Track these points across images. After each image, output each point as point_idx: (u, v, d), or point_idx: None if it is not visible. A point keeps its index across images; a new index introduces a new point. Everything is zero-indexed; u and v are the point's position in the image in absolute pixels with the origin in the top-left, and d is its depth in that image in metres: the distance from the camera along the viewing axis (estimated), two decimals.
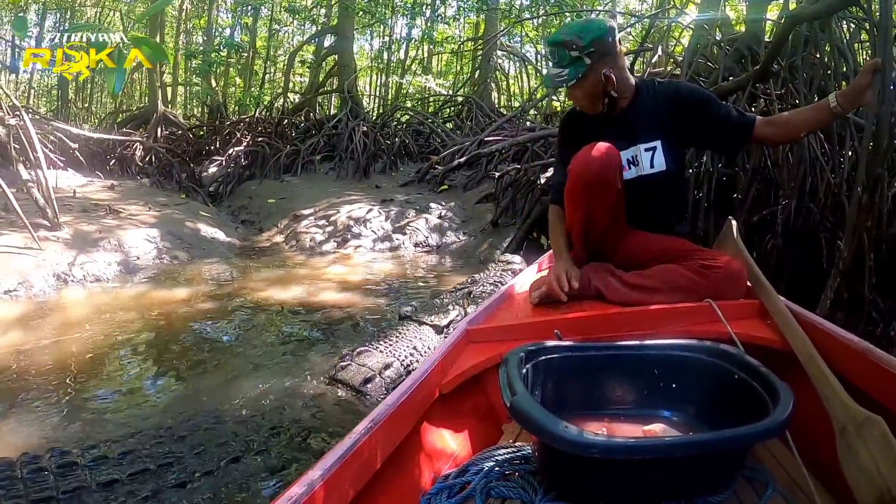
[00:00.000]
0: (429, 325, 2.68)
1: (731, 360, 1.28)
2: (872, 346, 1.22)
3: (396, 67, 14.80)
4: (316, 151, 9.53)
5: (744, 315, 1.60)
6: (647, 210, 1.96)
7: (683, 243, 1.93)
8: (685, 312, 1.61)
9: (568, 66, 1.89)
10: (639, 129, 1.96)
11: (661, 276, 1.76)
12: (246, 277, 4.51)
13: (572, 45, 1.87)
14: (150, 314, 3.50)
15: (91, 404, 2.35)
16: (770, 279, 3.30)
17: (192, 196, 7.85)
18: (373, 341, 2.58)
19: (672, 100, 1.95)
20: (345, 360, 2.47)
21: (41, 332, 3.18)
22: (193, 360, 2.83)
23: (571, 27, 1.93)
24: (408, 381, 1.31)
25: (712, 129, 1.94)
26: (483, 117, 10.16)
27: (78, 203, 5.63)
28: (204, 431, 1.95)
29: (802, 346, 1.32)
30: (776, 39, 3.51)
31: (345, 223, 6.30)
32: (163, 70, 11.41)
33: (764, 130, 1.91)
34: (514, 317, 1.82)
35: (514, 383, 1.15)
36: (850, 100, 1.82)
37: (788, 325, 1.42)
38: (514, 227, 5.67)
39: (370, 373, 2.33)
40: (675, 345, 1.39)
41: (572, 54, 1.87)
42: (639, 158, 1.95)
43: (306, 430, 2.03)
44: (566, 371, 1.37)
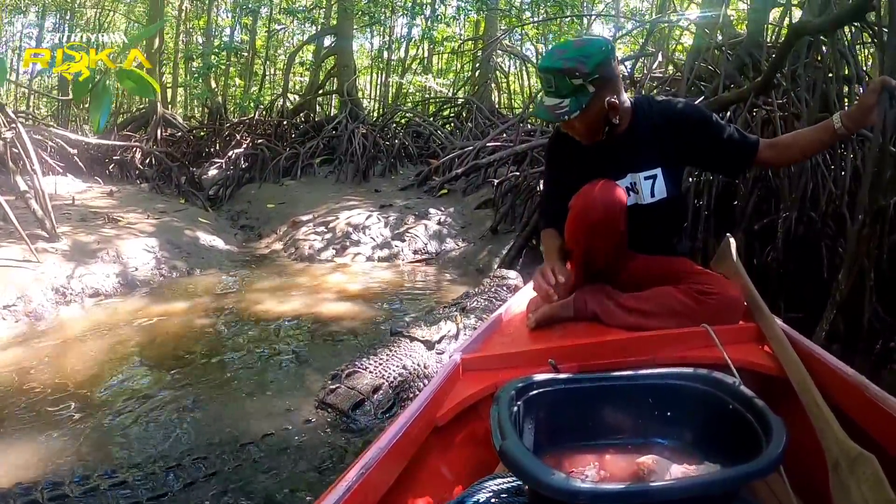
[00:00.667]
0: (420, 342, 2.68)
1: (726, 389, 1.28)
2: (868, 381, 1.22)
3: (397, 66, 14.76)
4: (315, 154, 9.51)
5: (741, 339, 1.60)
6: (648, 235, 1.93)
7: (683, 263, 1.92)
8: (681, 338, 1.61)
9: (569, 95, 1.69)
10: (638, 157, 1.85)
11: (657, 300, 1.74)
12: (244, 289, 4.51)
13: (574, 72, 1.66)
14: (147, 332, 3.49)
15: (83, 428, 2.34)
16: (771, 291, 3.33)
17: (192, 201, 7.83)
18: (363, 359, 2.58)
19: (671, 122, 1.84)
20: (334, 381, 2.48)
21: (40, 349, 3.17)
22: (186, 381, 2.81)
23: (569, 50, 1.70)
24: (402, 417, 1.31)
25: (713, 151, 1.86)
26: (483, 119, 10.13)
27: (77, 211, 5.63)
28: (192, 463, 1.96)
29: (798, 376, 1.32)
30: (779, 52, 3.47)
31: (343, 230, 6.30)
32: (162, 71, 11.41)
33: (766, 154, 1.84)
34: (509, 343, 1.81)
35: (504, 426, 1.15)
36: (856, 120, 1.74)
37: (785, 352, 1.41)
38: (513, 233, 5.66)
39: (359, 397, 2.33)
40: (669, 373, 1.39)
41: (574, 83, 1.67)
42: (638, 186, 1.86)
43: (297, 460, 2.04)
44: (560, 403, 1.37)
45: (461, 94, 12.79)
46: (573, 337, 1.77)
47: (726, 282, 1.76)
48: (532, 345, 1.75)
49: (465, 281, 5.02)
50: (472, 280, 5.06)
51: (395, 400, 2.39)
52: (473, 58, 12.28)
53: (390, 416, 2.31)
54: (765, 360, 1.47)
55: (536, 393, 1.35)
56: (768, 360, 1.46)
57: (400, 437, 1.24)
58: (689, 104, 1.93)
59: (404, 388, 2.43)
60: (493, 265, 5.31)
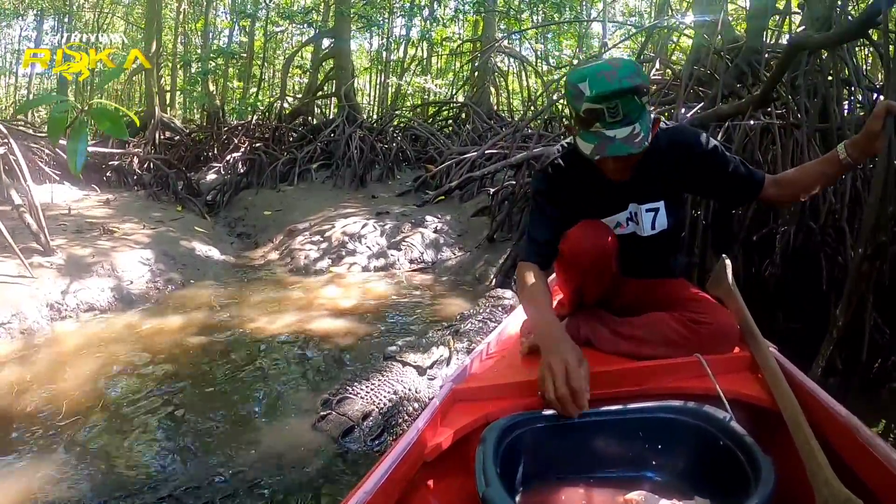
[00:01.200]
0: (412, 366, 2.69)
1: (717, 425, 1.30)
2: (861, 423, 1.20)
3: (396, 67, 14.75)
4: (313, 159, 9.51)
5: (734, 369, 1.58)
6: (644, 264, 1.90)
7: (679, 286, 1.90)
8: (674, 368, 1.60)
9: (637, 119, 1.50)
10: (642, 188, 1.77)
11: (651, 327, 1.72)
12: (238, 303, 4.51)
13: (643, 88, 1.50)
14: (139, 351, 3.49)
15: (73, 453, 2.36)
16: (769, 302, 3.29)
17: (189, 207, 7.84)
18: (355, 384, 2.60)
19: (678, 153, 1.73)
20: (325, 407, 2.50)
21: (34, 368, 3.19)
22: (177, 403, 2.82)
23: (624, 67, 1.51)
24: (390, 455, 1.31)
25: (718, 184, 1.80)
26: (481, 123, 10.12)
27: (73, 222, 5.64)
28: (184, 492, 1.98)
29: (791, 411, 1.30)
30: (778, 67, 3.44)
31: (339, 239, 6.29)
32: (161, 74, 11.40)
33: (770, 191, 1.78)
34: (502, 370, 1.81)
35: (488, 471, 1.17)
36: (862, 148, 1.66)
37: (778, 385, 1.39)
38: (510, 242, 5.65)
39: (349, 423, 2.36)
40: (659, 407, 1.40)
41: (642, 102, 1.51)
42: (639, 217, 1.79)
43: (288, 488, 2.06)
44: (549, 438, 1.38)
45: (460, 95, 12.80)
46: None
47: (721, 309, 1.74)
48: (524, 374, 1.74)
49: (462, 292, 5.02)
50: (469, 290, 5.07)
51: (384, 426, 2.40)
52: (472, 59, 12.23)
53: (380, 443, 2.33)
54: (758, 392, 1.45)
55: (525, 430, 1.37)
56: (762, 391, 1.45)
57: (388, 475, 1.23)
58: (696, 134, 1.79)
59: (394, 413, 2.45)
60: (489, 274, 5.31)
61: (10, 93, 13.85)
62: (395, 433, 2.35)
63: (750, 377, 1.53)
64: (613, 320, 1.82)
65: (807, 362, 2.97)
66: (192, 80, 12.07)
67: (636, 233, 1.81)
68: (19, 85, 14.43)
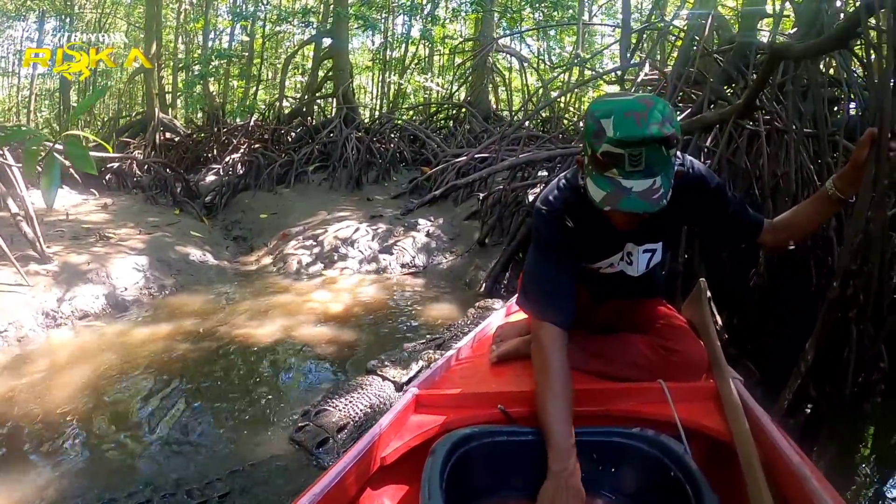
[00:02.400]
0: (391, 381, 2.74)
1: (671, 456, 1.33)
2: (813, 471, 1.20)
3: (397, 65, 14.76)
4: (310, 161, 9.55)
5: (697, 397, 1.58)
6: (624, 293, 1.87)
7: (656, 307, 1.90)
8: (637, 393, 1.61)
9: (660, 172, 1.32)
10: (645, 232, 1.64)
11: (621, 349, 1.74)
12: (229, 310, 4.58)
13: (674, 139, 1.31)
14: (130, 359, 3.56)
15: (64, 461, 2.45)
16: (755, 315, 3.28)
17: (187, 210, 7.91)
18: (334, 397, 2.67)
19: (686, 197, 1.58)
20: (304, 419, 2.57)
21: (30, 377, 3.26)
22: (162, 412, 2.91)
23: (655, 108, 1.30)
24: (348, 455, 1.35)
25: (719, 226, 1.73)
26: (477, 124, 10.15)
27: (70, 228, 5.71)
28: (161, 499, 2.06)
29: (745, 451, 1.30)
30: (760, 76, 3.42)
31: (332, 244, 6.35)
32: (161, 75, 11.47)
33: (766, 237, 1.72)
34: (468, 378, 1.85)
35: (432, 487, 1.21)
36: (850, 180, 1.59)
37: (737, 422, 1.39)
38: (500, 246, 5.68)
39: (324, 435, 2.42)
40: (616, 431, 1.44)
41: (670, 154, 1.33)
42: (633, 258, 1.71)
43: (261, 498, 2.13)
44: (502, 453, 1.42)
45: (462, 92, 12.79)
46: (531, 377, 1.76)
47: (691, 338, 1.75)
48: (488, 384, 1.78)
49: (452, 297, 5.07)
50: (460, 295, 5.11)
51: (358, 439, 2.46)
52: (472, 57, 12.23)
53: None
54: (717, 425, 1.45)
55: (478, 444, 1.41)
56: (721, 425, 1.44)
57: (341, 477, 1.26)
58: (703, 175, 1.63)
59: (369, 427, 2.50)
60: (480, 279, 5.35)
61: (13, 94, 13.96)
62: None
63: (712, 408, 1.53)
64: (584, 338, 1.83)
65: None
66: (192, 82, 12.13)
67: (627, 273, 1.73)
68: (22, 86, 14.53)
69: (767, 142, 3.83)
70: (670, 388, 1.56)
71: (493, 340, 2.04)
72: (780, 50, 3.09)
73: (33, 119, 12.33)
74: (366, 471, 1.38)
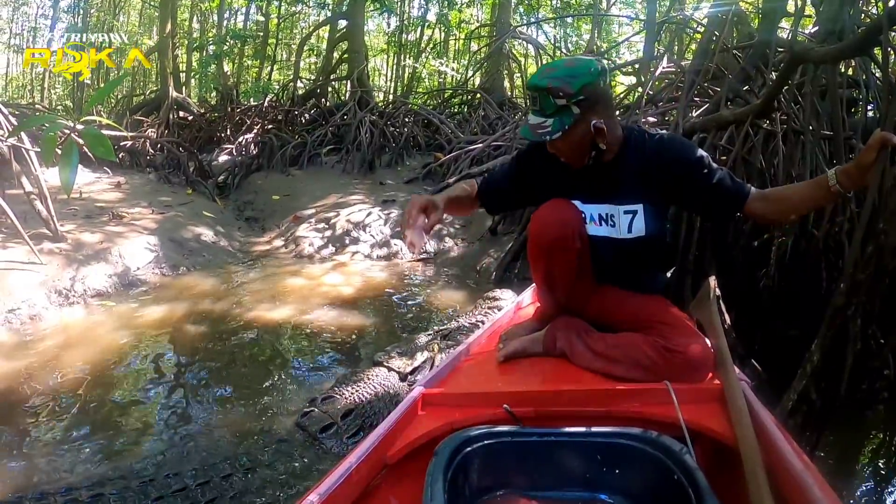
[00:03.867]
0: (396, 372, 2.75)
1: (674, 458, 1.31)
2: (816, 478, 1.18)
3: (412, 48, 14.68)
4: (323, 143, 9.55)
5: (703, 399, 1.57)
6: (621, 270, 1.91)
7: (657, 305, 1.88)
8: (641, 394, 1.60)
9: (552, 115, 1.68)
10: (620, 189, 1.80)
11: (625, 349, 1.73)
12: (240, 291, 4.61)
13: (559, 92, 1.65)
14: (140, 339, 3.61)
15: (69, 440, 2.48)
16: (763, 314, 3.25)
17: (199, 190, 7.94)
18: (342, 385, 2.68)
19: (663, 159, 1.77)
20: (311, 405, 2.59)
21: (43, 356, 3.30)
22: (171, 393, 2.95)
23: (557, 70, 1.70)
24: (353, 454, 1.35)
25: (702, 196, 1.81)
26: (492, 111, 10.08)
27: (83, 206, 5.76)
28: (164, 479, 2.08)
29: (749, 456, 1.28)
30: (778, 78, 3.36)
31: (344, 227, 6.37)
32: (176, 54, 11.45)
33: (756, 205, 1.76)
34: (474, 377, 1.86)
35: (435, 490, 1.20)
36: (853, 179, 1.61)
37: (742, 425, 1.37)
38: (512, 235, 5.67)
39: (329, 420, 2.43)
40: (620, 433, 1.42)
41: (558, 103, 1.66)
42: (615, 220, 1.82)
43: (264, 481, 2.14)
44: (507, 454, 1.42)
45: (477, 78, 12.70)
46: (536, 377, 1.81)
47: (697, 338, 1.73)
48: (495, 384, 1.79)
49: (462, 285, 5.07)
50: (470, 283, 5.12)
51: (362, 425, 2.47)
52: (488, 45, 12.13)
53: (356, 441, 2.39)
54: (722, 428, 1.43)
55: (483, 444, 1.41)
56: (726, 427, 1.42)
57: (347, 476, 1.26)
58: (684, 143, 1.88)
59: (373, 415, 2.52)
60: (490, 268, 5.35)
61: (27, 71, 14.02)
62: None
63: (717, 410, 1.51)
64: (590, 335, 1.83)
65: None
66: (206, 62, 12.10)
67: (612, 236, 1.82)
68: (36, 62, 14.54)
69: (783, 142, 3.79)
70: (676, 389, 1.55)
71: (500, 340, 2.04)
72: (800, 53, 3.04)
73: (47, 96, 12.35)
74: (371, 470, 1.38)
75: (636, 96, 6.06)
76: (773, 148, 3.87)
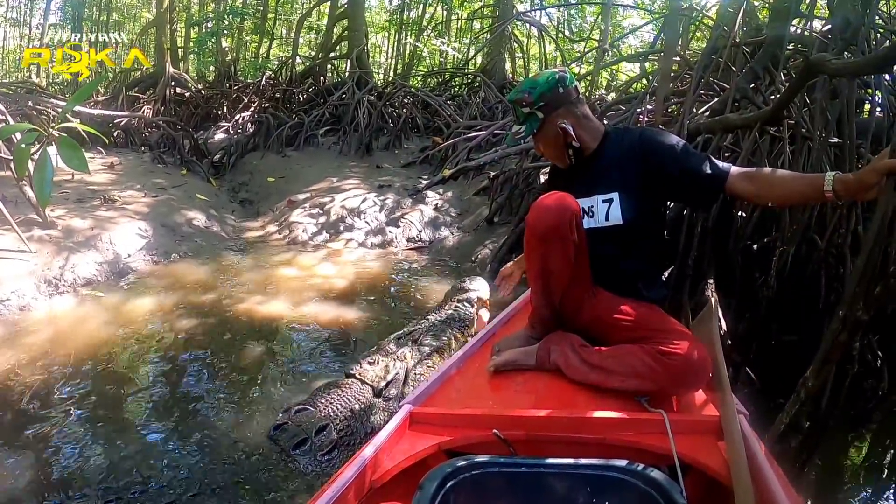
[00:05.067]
0: (369, 385, 2.66)
1: (665, 495, 1.28)
2: None
3: (413, 26, 14.45)
4: (320, 124, 9.42)
5: (698, 430, 1.54)
6: (608, 267, 1.89)
7: (651, 314, 1.85)
8: (636, 423, 1.57)
9: (523, 123, 1.96)
10: (598, 180, 1.91)
11: (621, 359, 1.72)
12: (233, 282, 4.56)
13: (522, 101, 1.93)
14: (131, 331, 3.57)
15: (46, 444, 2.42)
16: (760, 321, 3.21)
17: (194, 171, 7.85)
18: (317, 396, 2.59)
19: (637, 148, 1.87)
20: (284, 416, 2.51)
21: (32, 349, 3.25)
22: (152, 394, 2.89)
23: (523, 84, 1.99)
24: (338, 479, 1.32)
25: (679, 180, 1.81)
26: (492, 95, 9.94)
27: (74, 189, 5.67)
28: (141, 493, 2.05)
29: (744, 499, 1.26)
30: (791, 88, 3.24)
31: (338, 213, 6.30)
32: (173, 29, 11.25)
33: (740, 185, 1.74)
34: (463, 395, 1.82)
35: None
36: (849, 191, 1.57)
37: (737, 464, 1.35)
38: (509, 226, 5.61)
39: (303, 435, 2.36)
40: (611, 466, 1.38)
41: (524, 111, 1.94)
42: (594, 209, 1.90)
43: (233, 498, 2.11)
44: (494, 484, 1.39)
45: (478, 58, 12.51)
46: (529, 396, 1.77)
47: (693, 340, 1.71)
48: (485, 403, 1.75)
49: (457, 275, 5.00)
50: (465, 274, 5.05)
51: (336, 443, 2.39)
52: (492, 27, 11.91)
53: (329, 459, 2.32)
54: (716, 465, 1.41)
55: (469, 475, 1.37)
56: (721, 465, 1.40)
57: (336, 498, 1.25)
58: (661, 132, 2.01)
59: (349, 432, 2.42)
60: (486, 259, 5.29)
61: (24, 45, 13.73)
62: (347, 452, 2.34)
63: (712, 444, 1.48)
64: (584, 348, 1.81)
65: (797, 378, 2.98)
66: (204, 39, 11.87)
67: (592, 226, 1.89)
68: (33, 36, 14.28)
69: (790, 147, 3.71)
70: (672, 419, 1.51)
71: (492, 351, 2.00)
72: (816, 64, 2.91)
73: (44, 69, 12.12)
74: (358, 492, 1.35)
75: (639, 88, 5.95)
76: (779, 152, 3.79)
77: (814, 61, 2.86)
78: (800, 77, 3.06)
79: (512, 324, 2.36)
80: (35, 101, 6.76)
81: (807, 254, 3.45)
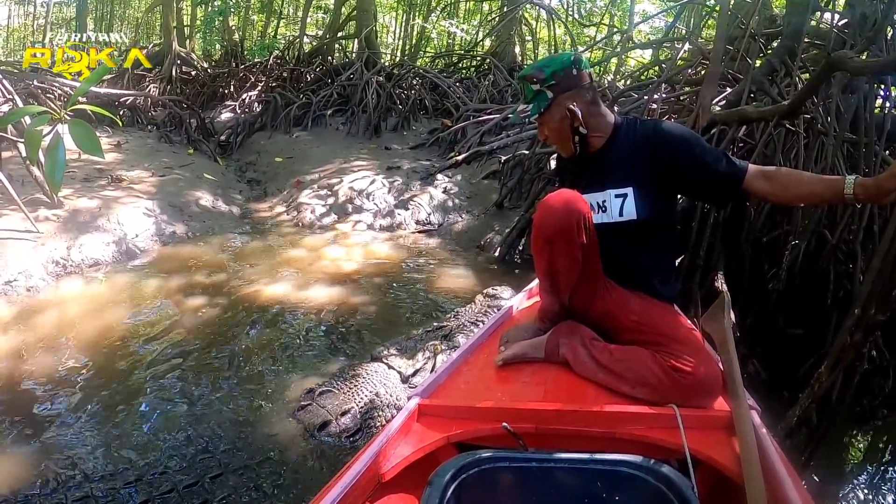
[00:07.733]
0: (396, 371, 2.69)
1: (676, 492, 1.27)
2: None
3: (423, 5, 14.29)
4: (328, 104, 9.35)
5: (710, 426, 1.52)
6: (621, 261, 1.85)
7: (664, 315, 1.83)
8: (647, 418, 1.55)
9: (532, 100, 1.89)
10: (611, 174, 1.84)
11: (630, 364, 1.68)
12: (241, 263, 4.55)
13: (533, 78, 1.86)
14: (138, 313, 3.57)
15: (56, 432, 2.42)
16: (769, 314, 3.21)
17: (201, 150, 7.81)
18: (339, 379, 2.62)
19: (652, 142, 1.79)
20: (307, 397, 2.54)
21: (40, 330, 3.26)
22: (164, 378, 2.88)
23: (536, 63, 1.94)
24: (347, 473, 1.32)
25: (694, 177, 1.76)
26: (501, 78, 9.85)
27: (80, 169, 5.64)
28: (152, 476, 2.06)
29: (755, 496, 1.24)
30: (810, 83, 3.20)
31: (347, 195, 6.27)
32: (180, 7, 11.14)
33: (757, 183, 1.70)
34: (472, 388, 1.80)
35: None
36: (869, 195, 1.55)
37: (749, 461, 1.33)
38: (518, 210, 5.58)
39: (328, 417, 2.39)
40: (621, 461, 1.37)
41: (534, 88, 1.86)
42: (608, 204, 1.83)
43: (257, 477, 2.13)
44: (504, 479, 1.38)
45: (487, 41, 12.38)
46: (538, 388, 1.75)
47: (707, 357, 1.67)
48: (494, 395, 1.73)
49: (467, 261, 4.99)
50: (474, 260, 5.05)
51: (360, 426, 2.42)
52: (502, 12, 11.76)
53: (353, 441, 2.36)
54: (728, 461, 1.39)
55: (478, 470, 1.37)
56: (732, 461, 1.39)
57: (345, 493, 1.25)
58: (675, 126, 1.89)
59: (373, 415, 2.46)
60: (495, 244, 5.26)
61: (28, 23, 13.64)
62: (370, 434, 2.37)
63: (724, 440, 1.47)
64: (594, 345, 1.78)
65: (802, 371, 2.97)
66: (211, 17, 11.75)
67: (605, 221, 1.83)
68: (38, 14, 14.18)
69: (805, 142, 3.67)
70: (683, 414, 1.50)
71: (500, 342, 1.98)
72: (837, 61, 2.87)
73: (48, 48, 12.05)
74: (366, 487, 1.35)
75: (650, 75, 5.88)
76: (792, 145, 3.75)
77: (835, 59, 2.81)
78: (820, 73, 3.02)
79: (520, 314, 2.35)
80: (41, 79, 6.71)
81: (816, 248, 3.43)
